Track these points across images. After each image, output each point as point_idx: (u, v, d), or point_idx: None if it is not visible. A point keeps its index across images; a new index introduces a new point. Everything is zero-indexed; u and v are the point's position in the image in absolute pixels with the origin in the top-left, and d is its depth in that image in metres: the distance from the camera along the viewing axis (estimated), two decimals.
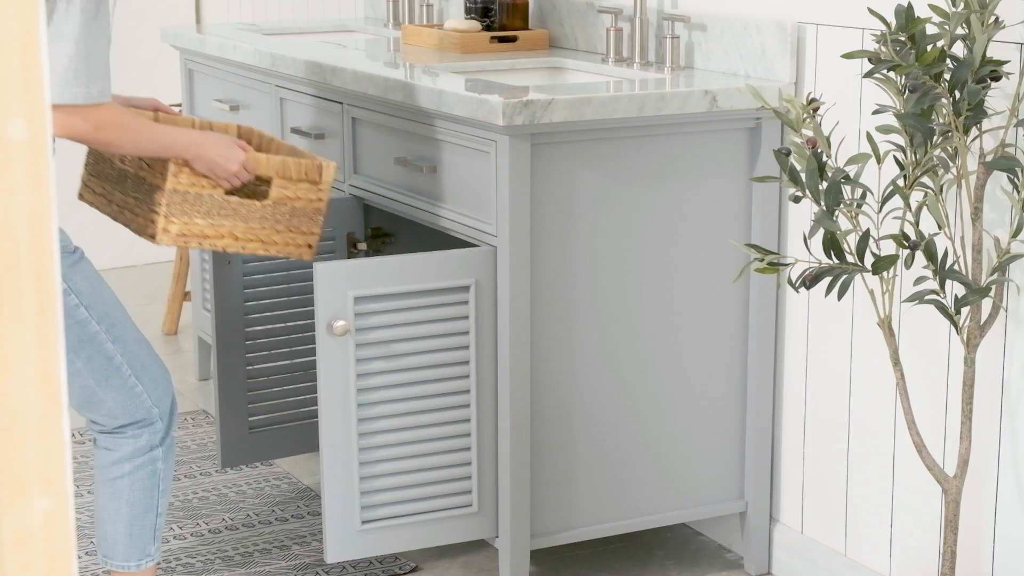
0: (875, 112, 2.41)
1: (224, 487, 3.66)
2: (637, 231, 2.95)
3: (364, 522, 2.90)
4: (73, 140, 2.59)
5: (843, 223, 2.83)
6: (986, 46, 2.31)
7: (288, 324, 3.38)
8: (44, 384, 0.87)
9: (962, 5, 2.35)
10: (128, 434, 2.74)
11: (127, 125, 2.61)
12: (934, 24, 2.39)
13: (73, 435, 3.81)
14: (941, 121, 2.36)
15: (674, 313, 3.02)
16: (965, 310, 2.46)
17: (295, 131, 3.51)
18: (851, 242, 2.42)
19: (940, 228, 2.38)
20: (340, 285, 2.80)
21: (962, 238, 2.45)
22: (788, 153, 2.40)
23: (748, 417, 3.11)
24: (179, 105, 4.41)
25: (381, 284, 2.82)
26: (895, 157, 2.42)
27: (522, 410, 2.89)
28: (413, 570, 3.21)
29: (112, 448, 2.75)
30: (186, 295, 4.89)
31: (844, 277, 2.39)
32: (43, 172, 0.86)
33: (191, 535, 3.39)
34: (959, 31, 2.39)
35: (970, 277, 2.43)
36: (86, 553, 3.30)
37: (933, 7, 2.36)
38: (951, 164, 2.39)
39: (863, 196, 2.43)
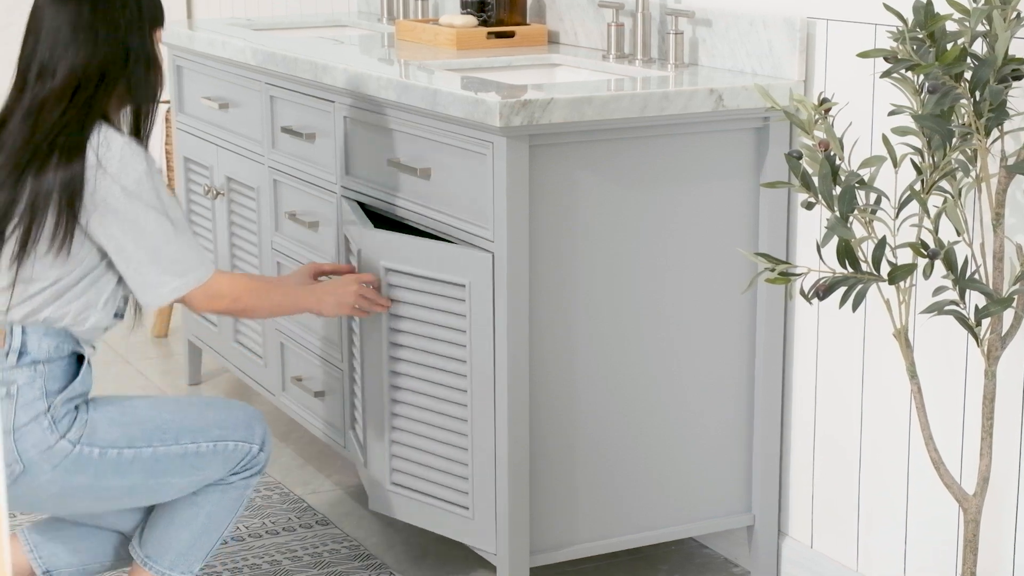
0: (891, 113, 2.30)
1: None
2: (639, 236, 2.84)
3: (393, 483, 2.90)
4: (219, 315, 2.71)
5: (857, 230, 2.72)
6: (1008, 43, 2.20)
7: None
8: None
9: (983, 1, 2.23)
10: (234, 470, 2.75)
11: (257, 289, 2.70)
12: (954, 21, 2.28)
13: None
14: (961, 123, 2.25)
15: (678, 321, 2.91)
16: (986, 321, 2.35)
17: (285, 130, 3.41)
18: (866, 250, 2.31)
19: (959, 234, 2.27)
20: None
21: (982, 245, 2.34)
22: (799, 156, 2.29)
23: (756, 427, 3.01)
24: (167, 103, 4.31)
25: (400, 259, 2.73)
26: (912, 160, 2.31)
27: (520, 422, 2.79)
28: None
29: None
30: None
31: (859, 287, 2.28)
32: None
33: None
34: (979, 28, 2.28)
35: (991, 286, 2.33)
36: None
37: (952, 3, 2.25)
38: (971, 167, 2.28)
39: (878, 201, 2.32)
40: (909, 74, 2.28)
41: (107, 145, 2.54)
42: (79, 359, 2.61)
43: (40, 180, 2.53)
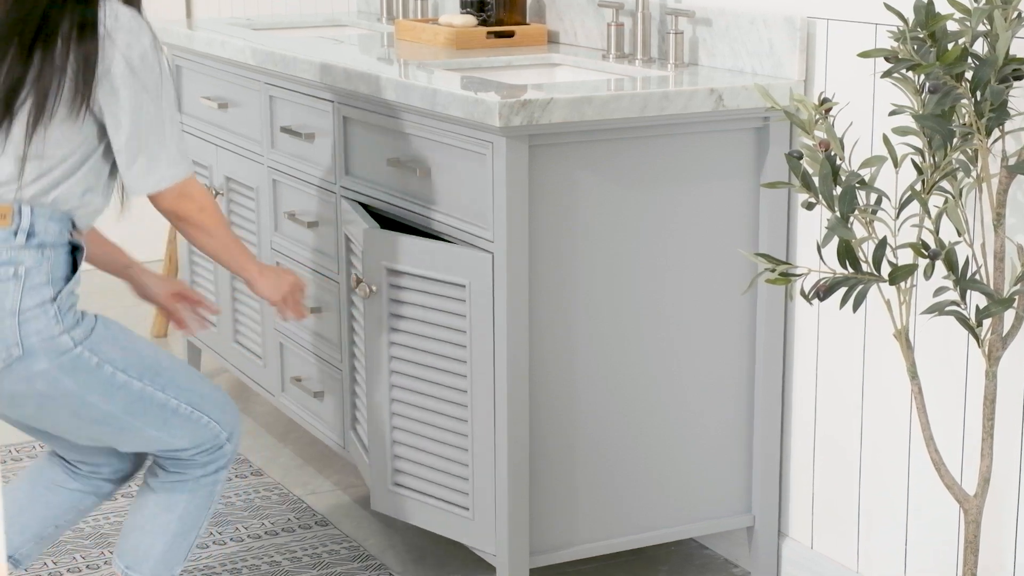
0: (891, 113, 2.29)
1: None
2: (639, 237, 2.84)
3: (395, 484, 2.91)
4: (177, 220, 2.62)
5: (858, 230, 2.71)
6: (1009, 43, 2.19)
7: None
8: None
9: (984, 0, 2.23)
10: (198, 461, 2.70)
11: (221, 216, 2.65)
12: (954, 20, 2.27)
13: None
14: (962, 123, 2.25)
15: (678, 321, 2.91)
16: (987, 322, 2.34)
17: (284, 130, 3.41)
18: (867, 251, 2.31)
19: (960, 235, 2.27)
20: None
21: (983, 245, 2.34)
22: (800, 156, 2.28)
23: (756, 427, 3.01)
24: None
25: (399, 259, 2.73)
26: (912, 160, 2.31)
27: (520, 422, 2.78)
28: None
29: (180, 470, 2.71)
30: None
31: (860, 288, 2.27)
32: None
33: None
34: (980, 27, 2.28)
35: (992, 287, 2.32)
36: (104, 563, 3.21)
37: (953, 2, 2.24)
38: (972, 167, 2.28)
39: (879, 202, 2.31)
40: (910, 74, 2.27)
41: (115, 17, 2.51)
42: (73, 251, 2.57)
43: (51, 54, 2.49)
